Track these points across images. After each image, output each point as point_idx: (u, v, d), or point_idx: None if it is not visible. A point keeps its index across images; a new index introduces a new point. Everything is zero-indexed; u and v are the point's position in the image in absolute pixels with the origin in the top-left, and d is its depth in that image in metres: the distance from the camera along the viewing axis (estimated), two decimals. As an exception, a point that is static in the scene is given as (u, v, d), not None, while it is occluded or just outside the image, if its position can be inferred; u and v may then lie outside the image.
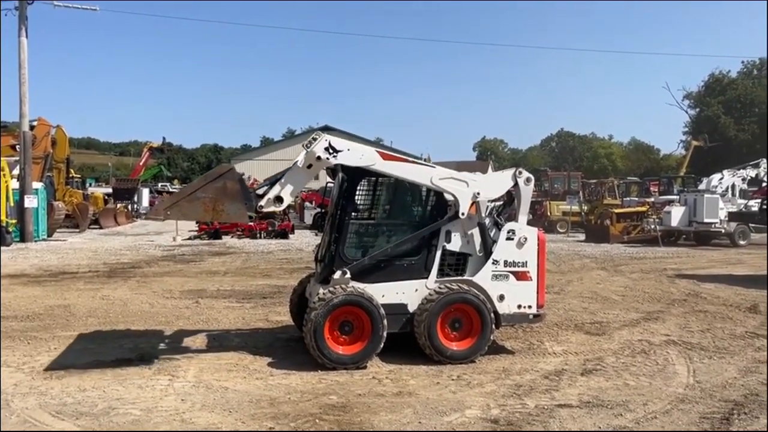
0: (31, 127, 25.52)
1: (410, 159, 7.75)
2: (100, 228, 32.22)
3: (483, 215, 7.81)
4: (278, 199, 7.29)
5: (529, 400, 6.14)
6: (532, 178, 7.95)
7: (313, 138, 7.32)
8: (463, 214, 7.60)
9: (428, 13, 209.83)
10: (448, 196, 7.70)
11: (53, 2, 26.49)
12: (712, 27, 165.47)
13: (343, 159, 7.37)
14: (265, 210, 7.37)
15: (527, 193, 7.88)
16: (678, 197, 27.81)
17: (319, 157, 7.28)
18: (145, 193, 49.25)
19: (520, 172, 7.88)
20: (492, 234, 7.87)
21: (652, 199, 31.48)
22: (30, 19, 24.91)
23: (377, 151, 7.51)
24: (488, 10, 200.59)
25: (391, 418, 5.67)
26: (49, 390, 6.33)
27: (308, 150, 7.27)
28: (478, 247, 7.72)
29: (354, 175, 7.59)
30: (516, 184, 7.86)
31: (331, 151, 7.31)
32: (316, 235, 27.55)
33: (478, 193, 7.68)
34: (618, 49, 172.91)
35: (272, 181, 7.49)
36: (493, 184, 7.94)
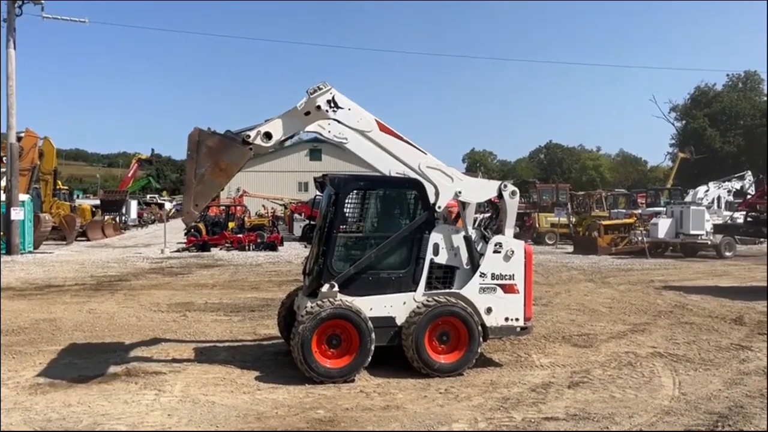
0: (18, 139, 25.38)
1: (405, 138, 7.72)
2: (88, 240, 32.01)
3: (469, 229, 7.83)
4: (267, 135, 7.27)
5: (516, 413, 6.15)
6: (518, 191, 8.00)
7: (319, 87, 7.30)
8: (439, 207, 7.64)
9: (418, 25, 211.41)
10: (429, 187, 7.71)
11: (42, 14, 26.44)
12: (698, 41, 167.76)
13: (341, 116, 7.39)
14: (251, 141, 7.27)
15: (513, 206, 7.93)
16: (665, 209, 28.04)
17: (319, 107, 7.28)
18: (134, 204, 49.05)
19: (506, 186, 7.92)
20: (479, 247, 7.90)
21: (640, 211, 31.71)
22: (18, 31, 24.92)
23: (376, 121, 7.53)
24: (477, 24, 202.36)
25: (378, 432, 5.66)
26: (33, 405, 6.27)
27: (311, 96, 7.25)
28: (465, 260, 7.75)
29: (343, 188, 7.61)
30: (501, 197, 7.90)
31: (332, 105, 7.33)
32: (305, 247, 27.50)
33: (460, 192, 7.73)
34: (606, 62, 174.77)
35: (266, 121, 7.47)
36: (477, 188, 7.99)
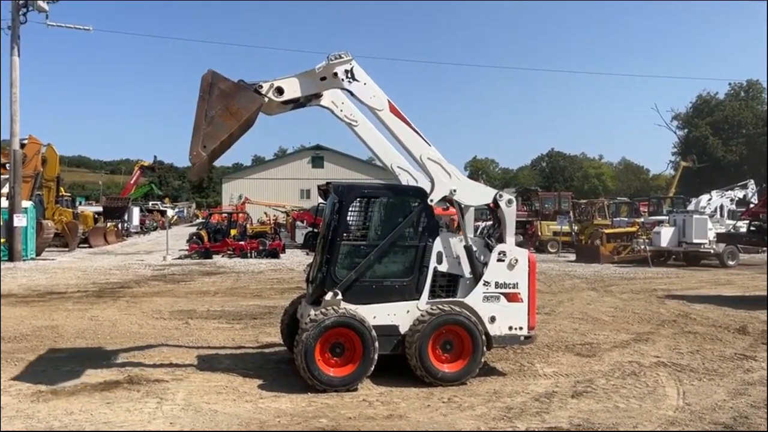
0: (22, 146, 25.45)
1: (413, 126, 7.71)
2: (90, 247, 32.04)
3: (469, 238, 7.80)
4: (279, 90, 7.30)
5: (520, 423, 6.12)
6: (514, 200, 7.98)
7: (340, 55, 7.34)
8: (432, 201, 7.64)
9: (420, 32, 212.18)
10: (425, 179, 7.72)
11: (46, 21, 26.57)
12: (701, 50, 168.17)
13: (355, 89, 7.43)
14: (263, 92, 7.29)
15: (510, 214, 7.91)
16: (667, 218, 28.00)
17: (335, 74, 7.32)
18: (136, 211, 49.11)
19: (501, 195, 7.90)
20: (483, 256, 7.87)
21: (642, 220, 31.65)
22: (22, 38, 25.03)
23: (388, 101, 7.55)
24: (479, 31, 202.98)
25: (381, 441, 5.63)
26: (35, 413, 6.25)
27: (330, 62, 7.29)
28: (467, 269, 7.73)
29: (346, 195, 7.61)
30: (498, 206, 7.89)
31: (349, 75, 7.36)
32: (307, 254, 27.48)
33: (455, 191, 7.72)
34: (608, 71, 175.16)
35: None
36: (473, 191, 7.94)
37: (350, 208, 7.73)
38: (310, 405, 6.59)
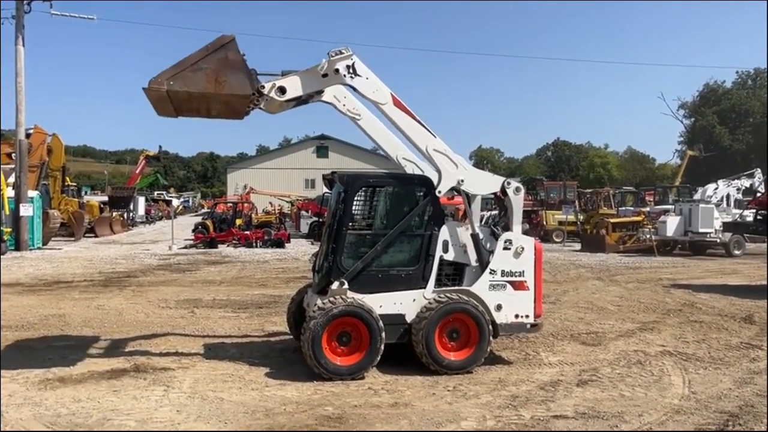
0: (27, 136, 25.47)
1: (418, 118, 7.69)
2: (96, 236, 32.13)
3: (476, 226, 7.79)
4: (281, 89, 7.26)
5: (525, 411, 6.13)
6: (522, 188, 7.95)
7: (340, 51, 7.30)
8: (440, 192, 7.63)
9: (423, 20, 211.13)
10: (431, 169, 7.72)
11: (50, 11, 26.53)
12: (708, 38, 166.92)
13: (357, 84, 7.41)
14: (265, 92, 7.21)
15: (518, 202, 7.89)
16: (673, 207, 27.89)
17: (337, 70, 7.29)
18: (141, 201, 49.18)
19: (509, 183, 7.87)
20: (489, 244, 7.85)
21: (648, 209, 31.55)
22: (27, 27, 24.98)
23: (391, 95, 7.53)
24: (484, 18, 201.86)
25: (386, 429, 5.65)
26: (43, 401, 6.30)
27: (331, 59, 7.26)
28: (473, 258, 7.72)
29: (352, 185, 7.60)
30: (505, 194, 7.86)
31: (351, 70, 7.34)
32: (312, 244, 27.53)
33: (462, 181, 7.71)
34: (614, 59, 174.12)
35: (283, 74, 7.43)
36: (480, 180, 7.91)
37: (356, 198, 7.71)
38: (315, 393, 6.62)
